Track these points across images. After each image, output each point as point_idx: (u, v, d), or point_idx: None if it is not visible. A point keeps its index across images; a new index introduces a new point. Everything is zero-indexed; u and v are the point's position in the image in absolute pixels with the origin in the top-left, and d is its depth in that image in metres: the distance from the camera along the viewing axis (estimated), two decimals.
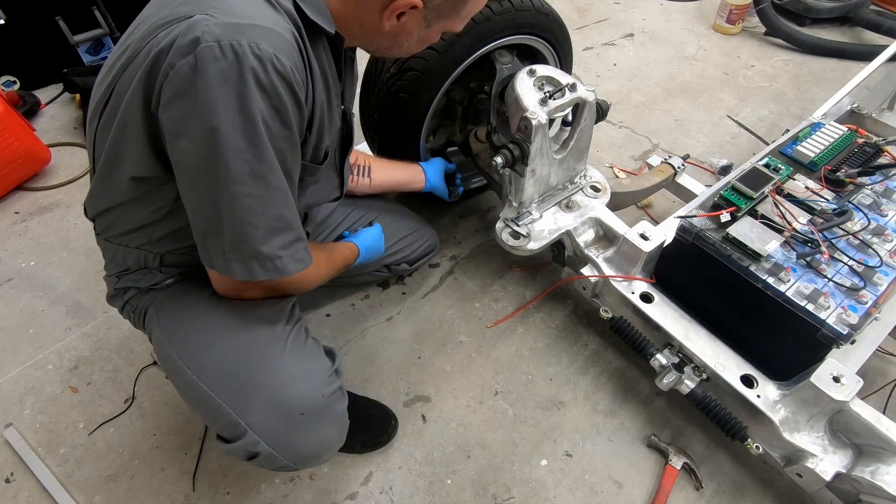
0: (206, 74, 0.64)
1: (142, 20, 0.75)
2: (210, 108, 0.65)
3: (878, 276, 1.07)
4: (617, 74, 2.42)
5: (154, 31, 0.69)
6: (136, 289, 0.96)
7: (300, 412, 0.85)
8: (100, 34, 2.17)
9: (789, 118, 2.19)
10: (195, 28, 0.65)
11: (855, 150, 1.34)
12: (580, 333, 1.47)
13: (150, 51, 0.68)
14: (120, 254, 0.93)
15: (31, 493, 1.18)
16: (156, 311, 0.94)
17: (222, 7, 0.66)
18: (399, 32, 0.84)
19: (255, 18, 0.67)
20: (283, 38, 0.68)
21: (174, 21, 0.67)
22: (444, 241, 1.68)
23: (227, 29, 0.65)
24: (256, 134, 0.68)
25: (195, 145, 0.68)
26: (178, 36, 0.65)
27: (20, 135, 1.74)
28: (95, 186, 0.85)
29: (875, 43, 2.56)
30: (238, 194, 0.70)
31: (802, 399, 1.06)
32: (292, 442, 0.86)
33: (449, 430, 1.29)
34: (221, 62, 0.64)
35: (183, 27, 0.66)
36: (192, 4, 0.68)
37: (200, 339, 0.88)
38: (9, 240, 1.69)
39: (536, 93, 1.22)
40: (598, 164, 1.95)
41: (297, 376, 0.86)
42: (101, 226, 0.92)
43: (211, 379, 0.85)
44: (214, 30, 0.64)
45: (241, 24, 0.65)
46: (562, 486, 1.21)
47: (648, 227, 1.27)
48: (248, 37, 0.65)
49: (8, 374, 1.37)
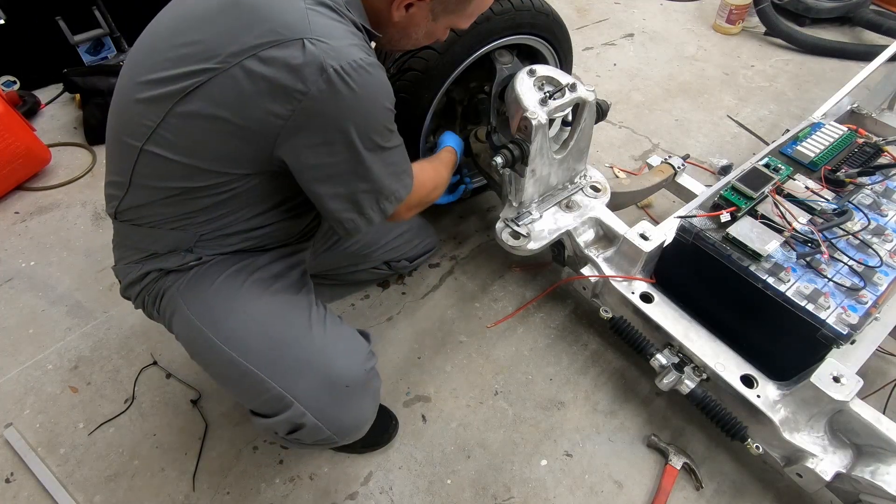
0: (340, 92, 0.76)
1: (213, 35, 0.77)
2: (344, 116, 0.78)
3: (878, 276, 1.07)
4: (617, 74, 2.42)
5: (254, 48, 0.74)
6: (158, 271, 0.95)
7: (345, 384, 0.90)
8: (100, 34, 2.17)
9: (789, 118, 2.19)
10: (314, 53, 0.74)
11: (855, 150, 1.34)
12: (580, 333, 1.47)
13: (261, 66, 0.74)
14: (150, 237, 0.92)
15: (31, 493, 1.18)
16: (179, 293, 0.94)
17: (319, 31, 0.76)
18: (408, 24, 0.91)
19: (346, 38, 0.78)
20: (366, 46, 0.82)
21: (280, 42, 0.74)
22: (444, 241, 1.68)
23: (337, 51, 0.75)
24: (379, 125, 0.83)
25: (335, 145, 0.80)
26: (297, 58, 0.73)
27: (20, 135, 1.74)
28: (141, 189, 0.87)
29: (875, 43, 2.56)
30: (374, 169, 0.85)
31: (802, 399, 1.06)
32: (337, 413, 0.90)
33: (449, 430, 1.29)
34: (347, 77, 0.76)
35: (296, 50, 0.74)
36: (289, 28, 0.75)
37: (238, 318, 0.91)
38: (9, 240, 1.69)
39: (536, 93, 1.22)
40: (598, 164, 1.95)
41: (341, 351, 0.91)
42: (132, 213, 0.91)
43: (253, 355, 0.88)
44: (331, 53, 0.75)
45: (341, 45, 0.76)
46: (562, 486, 1.21)
47: (648, 227, 1.27)
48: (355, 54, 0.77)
49: (8, 374, 1.37)
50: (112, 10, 2.15)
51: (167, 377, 1.36)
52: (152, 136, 0.81)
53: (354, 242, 1.32)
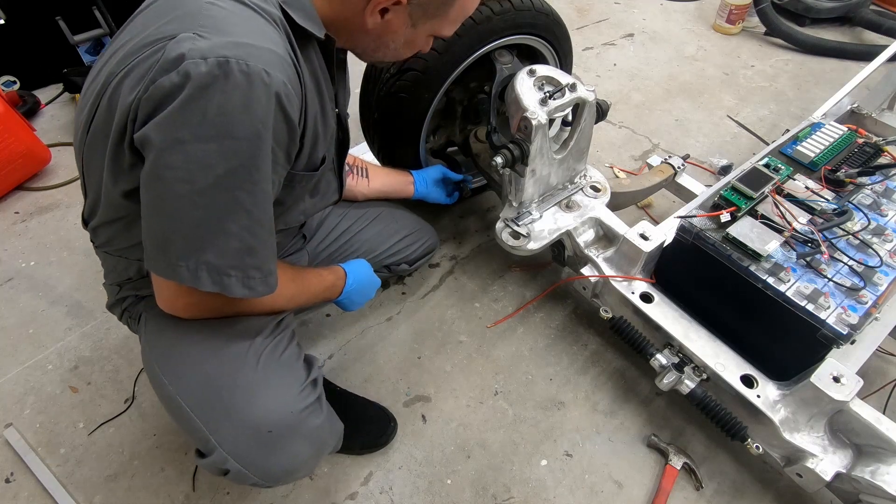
0: (187, 88, 0.62)
1: (124, 41, 0.73)
2: (186, 119, 0.63)
3: (878, 276, 1.07)
4: (617, 74, 2.42)
5: (137, 51, 0.68)
6: (134, 296, 0.97)
7: (267, 430, 0.82)
8: (100, 34, 2.17)
9: (789, 118, 2.19)
10: (180, 45, 0.63)
11: (855, 150, 1.34)
12: (580, 333, 1.47)
13: (132, 69, 0.67)
14: (121, 265, 0.94)
15: (31, 493, 1.18)
16: (145, 319, 0.95)
17: (210, 25, 0.65)
18: (384, 31, 0.82)
19: (245, 35, 0.65)
20: (274, 54, 0.67)
21: (159, 40, 0.66)
22: (444, 241, 1.68)
23: (215, 46, 0.63)
24: (234, 152, 0.66)
25: (162, 155, 0.65)
26: (163, 54, 0.64)
27: (20, 135, 1.74)
28: (91, 202, 0.84)
29: (875, 43, 2.56)
30: (198, 205, 0.67)
31: (802, 399, 1.06)
32: (262, 460, 0.84)
33: (449, 430, 1.29)
34: (204, 78, 0.62)
35: (168, 45, 0.65)
36: (178, 22, 0.66)
37: (180, 351, 0.86)
38: (9, 240, 1.69)
39: (536, 93, 1.22)
40: (598, 164, 1.95)
41: (265, 393, 0.83)
42: (99, 238, 0.91)
43: (187, 392, 0.83)
44: (201, 45, 0.63)
45: (229, 42, 0.64)
46: (562, 486, 1.21)
47: (648, 227, 1.27)
48: (236, 53, 0.63)
49: (8, 374, 1.37)
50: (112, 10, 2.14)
51: None
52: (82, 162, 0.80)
53: (354, 250, 1.30)
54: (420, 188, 1.45)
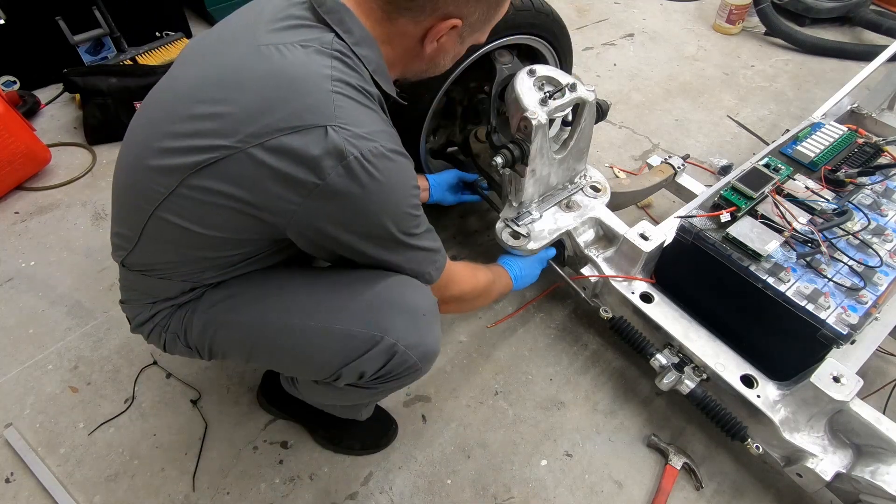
0: (360, 180, 0.74)
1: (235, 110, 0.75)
2: (369, 204, 0.77)
3: (878, 276, 1.07)
4: (617, 74, 2.42)
5: (273, 133, 0.72)
6: (170, 307, 0.94)
7: (423, 313, 0.92)
8: (100, 34, 2.17)
9: (789, 118, 2.19)
10: (335, 141, 0.72)
11: (855, 150, 1.34)
12: (580, 333, 1.47)
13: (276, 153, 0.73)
14: (160, 286, 0.92)
15: (31, 493, 1.18)
16: (211, 312, 0.92)
17: (343, 117, 0.74)
18: (437, 54, 0.90)
19: (370, 124, 0.77)
20: (390, 132, 0.81)
21: (300, 128, 0.72)
22: (445, 241, 1.67)
23: (360, 139, 0.74)
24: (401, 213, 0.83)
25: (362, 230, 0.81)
26: (317, 146, 0.72)
27: (20, 135, 1.74)
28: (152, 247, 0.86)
29: (875, 43, 2.56)
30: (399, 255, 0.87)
31: (802, 399, 1.06)
32: (421, 338, 0.92)
33: (449, 430, 1.29)
34: (368, 166, 0.74)
35: (317, 137, 0.72)
36: (312, 113, 0.73)
37: (295, 294, 0.92)
38: (9, 240, 1.69)
39: (536, 93, 1.22)
40: (598, 164, 1.95)
41: (408, 286, 0.92)
42: (139, 266, 0.90)
43: (329, 314, 0.89)
44: (353, 142, 0.73)
45: (366, 132, 0.75)
46: (562, 486, 1.21)
47: (648, 227, 1.27)
48: (378, 141, 0.75)
49: (8, 374, 1.37)
50: (112, 10, 2.14)
51: (167, 377, 1.36)
52: (164, 202, 0.80)
53: None
54: (436, 194, 1.44)
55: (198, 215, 0.80)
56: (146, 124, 0.85)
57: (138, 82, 1.98)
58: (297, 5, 0.81)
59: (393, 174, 0.78)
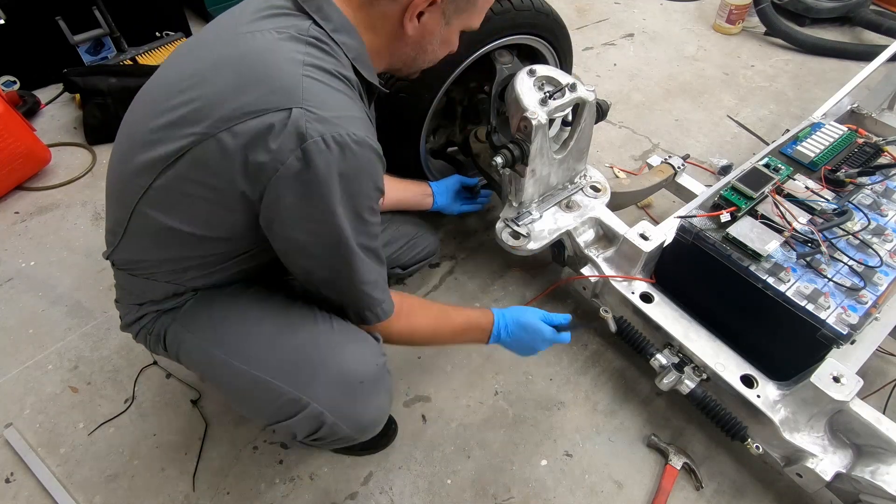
0: (316, 167, 0.71)
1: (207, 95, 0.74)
2: (324, 194, 0.73)
3: (878, 276, 1.07)
4: (617, 74, 2.42)
5: (240, 117, 0.71)
6: (155, 312, 0.95)
7: (359, 381, 0.89)
8: (100, 34, 2.17)
9: (789, 118, 2.19)
10: (297, 123, 0.69)
11: (855, 150, 1.34)
12: (580, 333, 1.47)
13: (242, 137, 0.71)
14: (145, 287, 0.92)
15: (31, 493, 1.18)
16: (181, 325, 0.93)
17: (312, 100, 0.71)
18: (422, 36, 0.87)
19: (341, 108, 0.74)
20: (364, 120, 0.77)
21: (266, 111, 0.70)
22: (444, 241, 1.68)
23: (325, 123, 0.71)
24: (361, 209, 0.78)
25: (317, 227, 0.76)
26: (279, 129, 0.70)
27: (20, 135, 1.74)
28: (136, 243, 0.86)
29: (875, 43, 2.56)
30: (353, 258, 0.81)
31: (802, 399, 1.06)
32: (354, 411, 0.90)
33: (449, 430, 1.29)
34: (327, 154, 0.71)
35: (280, 119, 0.70)
36: (279, 95, 0.71)
37: (243, 330, 0.91)
38: (9, 240, 1.69)
39: (536, 93, 1.22)
40: (598, 164, 1.95)
41: (352, 349, 0.90)
42: (126, 264, 0.91)
43: (266, 366, 0.88)
44: (316, 125, 0.70)
45: (333, 116, 0.72)
46: (562, 486, 1.21)
47: (648, 227, 1.27)
48: (345, 128, 0.72)
49: (8, 374, 1.37)
50: (112, 10, 2.14)
51: (167, 377, 1.36)
52: (144, 196, 0.80)
53: None
54: (440, 200, 1.44)
55: (175, 209, 0.80)
56: (131, 122, 0.85)
57: (138, 82, 1.95)
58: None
59: (354, 166, 0.73)
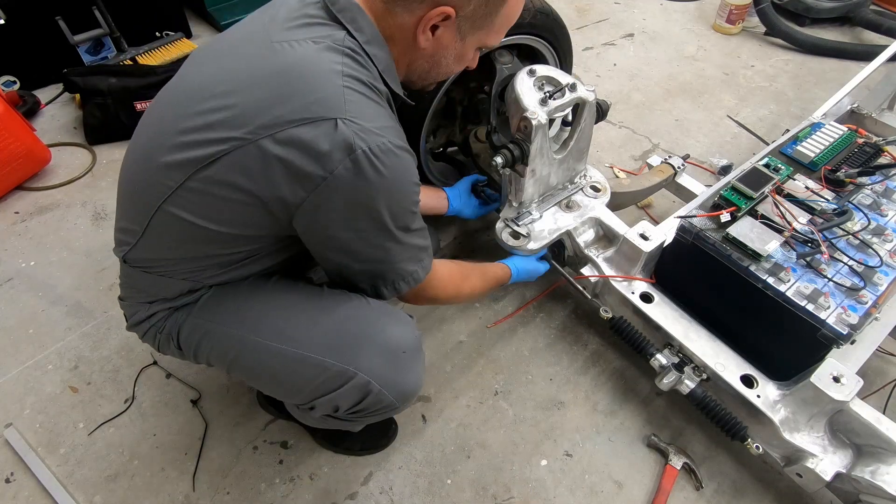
0: (366, 175, 0.75)
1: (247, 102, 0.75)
2: (374, 198, 0.77)
3: (878, 276, 1.07)
4: (617, 74, 2.42)
5: (283, 125, 0.73)
6: (167, 309, 0.94)
7: (402, 350, 0.92)
8: (100, 34, 2.17)
9: (789, 118, 2.19)
10: (344, 134, 0.73)
11: (855, 150, 1.34)
12: (580, 333, 1.47)
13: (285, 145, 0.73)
14: (160, 284, 0.91)
15: (31, 493, 1.18)
16: (200, 318, 0.93)
17: (353, 111, 0.74)
18: (436, 50, 0.88)
19: (380, 119, 0.78)
20: (398, 129, 0.82)
21: (310, 121, 0.73)
22: (445, 240, 1.68)
23: (370, 134, 0.74)
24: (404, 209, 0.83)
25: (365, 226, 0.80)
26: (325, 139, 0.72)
27: (20, 135, 1.74)
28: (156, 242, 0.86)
29: (875, 43, 2.56)
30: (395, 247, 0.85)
31: (802, 399, 1.06)
32: (398, 378, 0.92)
33: (449, 430, 1.29)
34: (376, 163, 0.75)
35: (327, 130, 0.73)
36: (322, 106, 0.74)
37: (277, 314, 0.92)
38: (9, 240, 1.69)
39: (536, 93, 1.22)
40: (598, 164, 1.95)
41: (392, 321, 0.93)
42: (142, 262, 0.90)
43: (307, 342, 0.89)
44: (363, 136, 0.73)
45: (375, 127, 0.75)
46: (562, 486, 1.21)
47: (648, 227, 1.27)
48: (387, 137, 0.76)
49: (8, 374, 1.37)
50: (112, 10, 2.14)
51: (167, 377, 1.36)
52: (172, 196, 0.80)
53: None
54: (455, 204, 1.44)
55: (205, 210, 0.80)
56: (156, 121, 0.85)
57: (138, 82, 1.98)
58: (311, 5, 0.82)
59: (398, 170, 0.78)
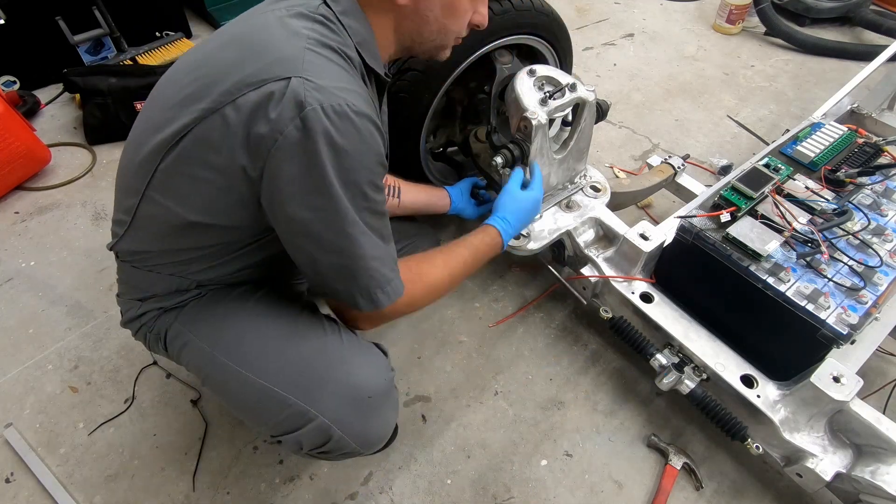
0: (315, 136, 0.69)
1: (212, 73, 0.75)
2: (323, 164, 0.70)
3: (878, 276, 1.07)
4: (617, 74, 2.42)
5: (241, 89, 0.71)
6: (157, 309, 0.94)
7: (368, 395, 0.88)
8: (100, 34, 2.17)
9: (789, 118, 2.19)
10: (295, 90, 0.69)
11: (855, 150, 1.34)
12: (580, 333, 1.47)
13: (244, 110, 0.71)
14: (149, 280, 0.91)
15: (31, 492, 1.18)
16: (184, 326, 0.93)
17: (311, 70, 0.71)
18: (416, 4, 0.84)
19: (341, 80, 0.73)
20: (364, 96, 0.76)
21: (266, 81, 0.70)
22: (445, 241, 1.68)
23: (324, 92, 0.69)
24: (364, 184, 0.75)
25: (318, 201, 0.73)
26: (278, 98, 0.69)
27: (20, 135, 1.74)
28: (141, 232, 0.86)
29: (875, 43, 2.56)
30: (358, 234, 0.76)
31: (802, 399, 1.06)
32: (362, 425, 0.89)
33: (449, 430, 1.29)
34: (326, 123, 0.69)
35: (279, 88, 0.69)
36: (280, 66, 0.71)
37: (250, 338, 0.90)
38: (9, 240, 1.69)
39: (536, 93, 1.22)
40: (598, 164, 1.95)
41: (362, 363, 0.89)
42: (130, 255, 0.90)
43: (273, 375, 0.87)
44: (315, 94, 0.69)
45: (333, 86, 0.71)
46: (562, 486, 1.21)
47: (648, 227, 1.27)
48: (344, 98, 0.70)
49: (8, 374, 1.37)
50: (112, 10, 2.14)
51: (167, 377, 1.36)
52: (153, 178, 0.80)
53: None
54: (457, 203, 1.43)
55: (181, 193, 0.79)
56: (147, 108, 0.86)
57: (138, 82, 1.98)
58: None
59: (353, 137, 0.71)
